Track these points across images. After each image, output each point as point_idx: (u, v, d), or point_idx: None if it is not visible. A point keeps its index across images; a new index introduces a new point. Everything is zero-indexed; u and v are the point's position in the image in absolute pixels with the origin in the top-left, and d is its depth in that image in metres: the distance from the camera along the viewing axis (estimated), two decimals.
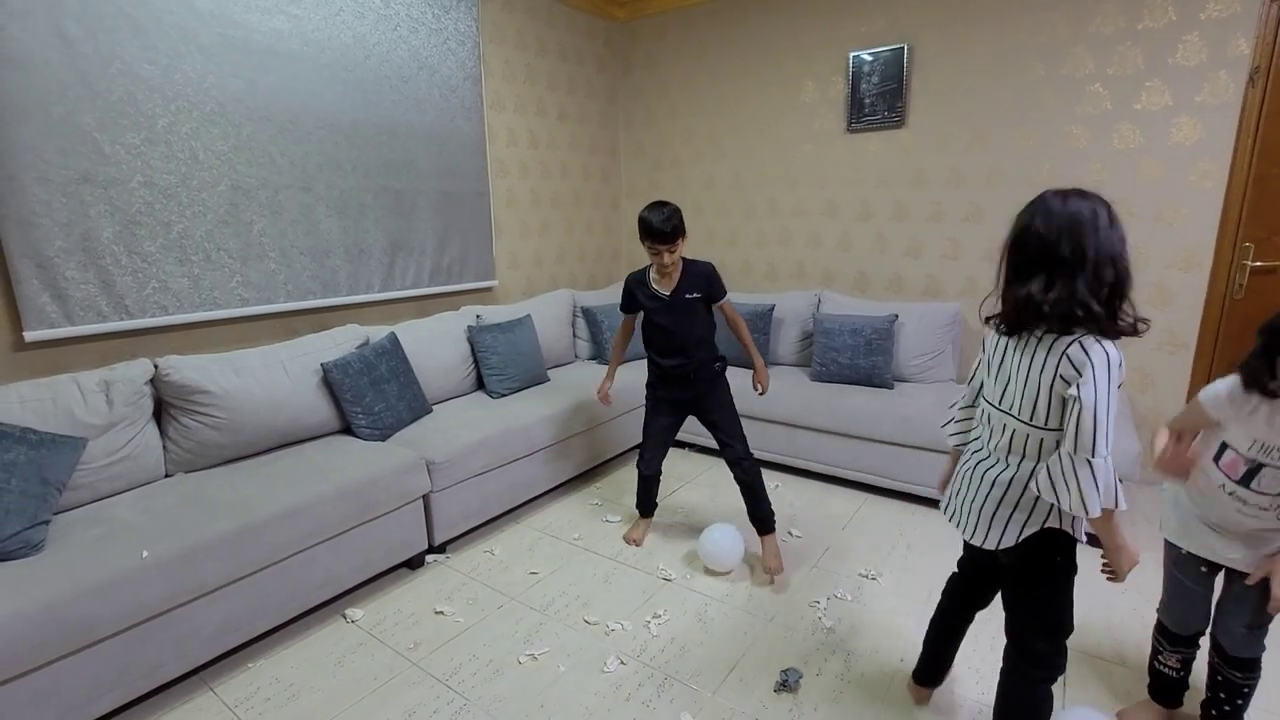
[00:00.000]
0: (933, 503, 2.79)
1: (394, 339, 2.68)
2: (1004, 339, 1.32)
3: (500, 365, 3.02)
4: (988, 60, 3.05)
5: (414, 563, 2.38)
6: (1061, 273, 1.17)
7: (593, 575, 2.30)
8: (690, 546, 2.48)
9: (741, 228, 4.02)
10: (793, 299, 3.57)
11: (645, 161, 4.38)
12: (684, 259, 2.27)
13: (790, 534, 2.57)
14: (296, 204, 2.62)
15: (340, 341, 2.58)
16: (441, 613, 2.10)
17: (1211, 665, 1.46)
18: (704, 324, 2.32)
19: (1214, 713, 1.47)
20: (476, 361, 3.07)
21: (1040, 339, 1.23)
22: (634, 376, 3.38)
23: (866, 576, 2.26)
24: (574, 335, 3.79)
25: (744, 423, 3.21)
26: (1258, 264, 2.64)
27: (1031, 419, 1.25)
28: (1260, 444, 1.32)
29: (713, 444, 3.38)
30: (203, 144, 2.32)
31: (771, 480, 3.10)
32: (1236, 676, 1.42)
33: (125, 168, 2.14)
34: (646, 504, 2.56)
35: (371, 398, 2.47)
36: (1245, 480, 1.34)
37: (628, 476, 3.19)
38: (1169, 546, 1.54)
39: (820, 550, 2.44)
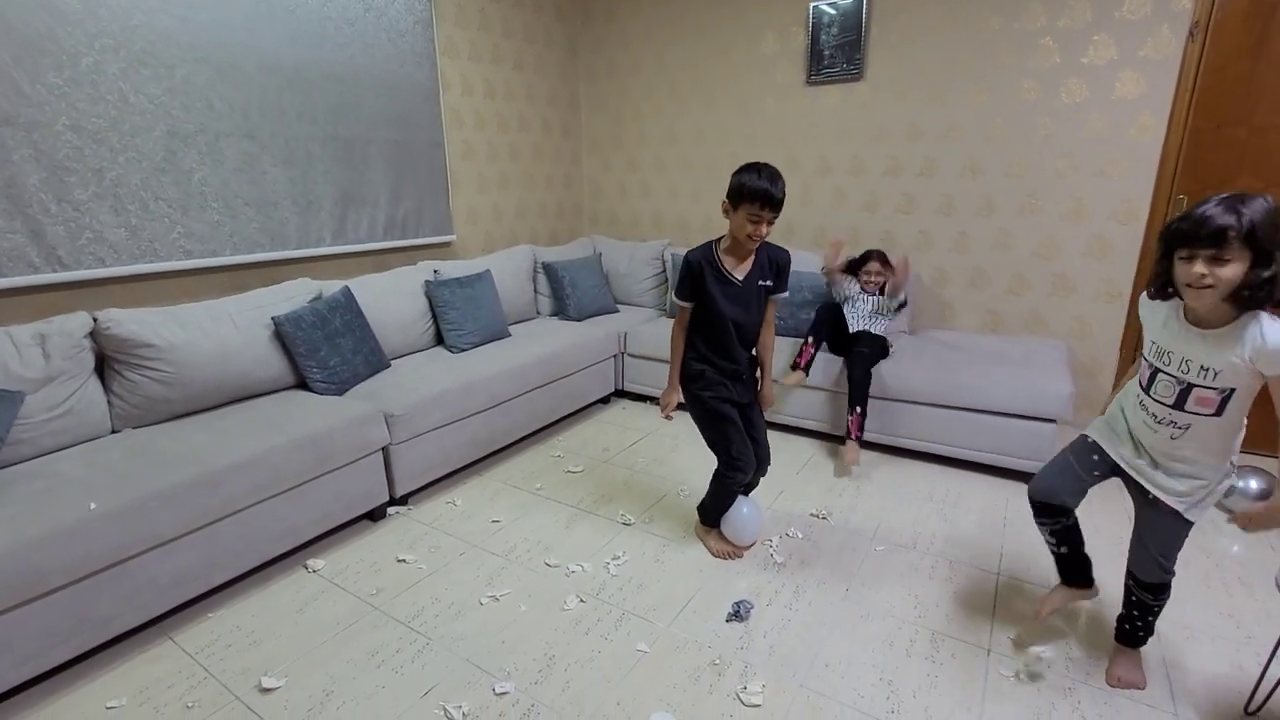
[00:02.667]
0: (885, 448, 2.90)
1: (348, 293, 2.63)
2: None
3: (459, 320, 3.00)
4: (945, 12, 3.06)
5: (375, 514, 2.40)
6: None
7: (554, 522, 2.35)
8: (651, 494, 2.55)
9: (704, 183, 4.01)
10: None
11: (607, 115, 4.30)
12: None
13: None
14: (239, 152, 2.51)
15: (292, 295, 2.52)
16: (404, 560, 2.13)
17: (1127, 587, 1.58)
18: (764, 315, 2.01)
19: (1127, 627, 1.60)
20: (435, 316, 3.04)
21: None
22: (592, 331, 3.39)
23: (817, 516, 2.36)
24: (535, 291, 3.76)
25: None
26: None
27: None
28: (1156, 347, 1.38)
29: None
30: (133, 86, 2.20)
31: None
32: (1149, 598, 1.53)
33: (49, 109, 2.02)
34: (717, 515, 2.15)
35: (326, 351, 2.44)
36: (1148, 387, 1.40)
37: (590, 430, 3.23)
38: (1080, 436, 1.61)
39: (775, 493, 2.53)
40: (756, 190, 1.75)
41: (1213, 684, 1.58)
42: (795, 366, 2.86)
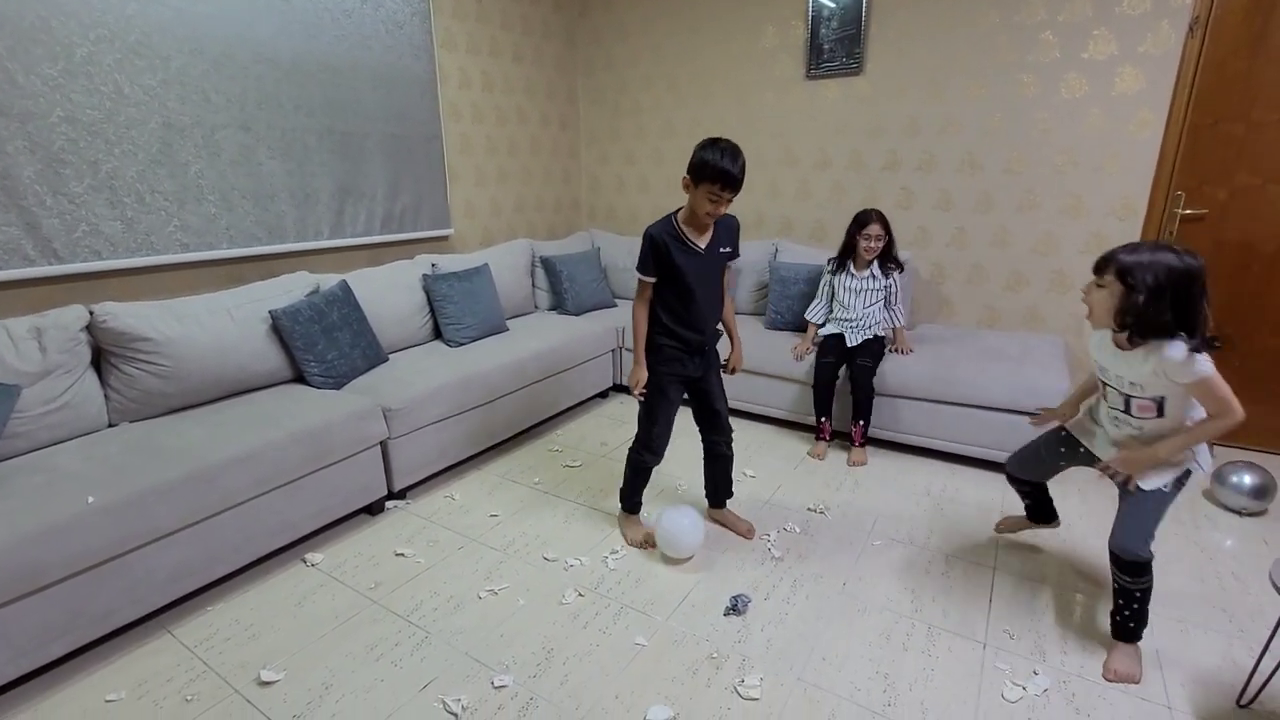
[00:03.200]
0: (883, 444, 2.91)
1: (345, 286, 2.62)
2: None
3: (457, 314, 2.99)
4: (945, 6, 3.05)
5: (374, 509, 2.40)
6: None
7: (552, 517, 2.36)
8: (650, 488, 2.54)
9: None
10: (750, 248, 3.59)
11: (605, 108, 4.28)
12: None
13: (745, 474, 2.66)
14: (235, 144, 2.50)
15: (289, 289, 2.52)
16: (402, 555, 2.13)
17: (1112, 576, 1.60)
18: (723, 283, 2.05)
19: (1118, 619, 1.61)
20: (433, 310, 3.03)
21: None
22: (590, 326, 3.39)
23: (815, 511, 2.36)
24: (533, 285, 3.76)
25: None
26: (1188, 212, 2.77)
27: None
28: (1099, 365, 1.66)
29: None
30: (128, 77, 2.18)
31: None
32: (1128, 581, 1.57)
33: (43, 101, 2.01)
34: (637, 498, 2.24)
35: (324, 345, 2.43)
36: (1105, 395, 1.69)
37: (589, 425, 3.23)
38: (1058, 426, 1.89)
39: (773, 488, 2.54)
40: (717, 170, 1.76)
41: (1206, 677, 1.59)
42: (819, 437, 2.83)
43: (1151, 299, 1.41)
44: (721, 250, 1.96)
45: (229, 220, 2.52)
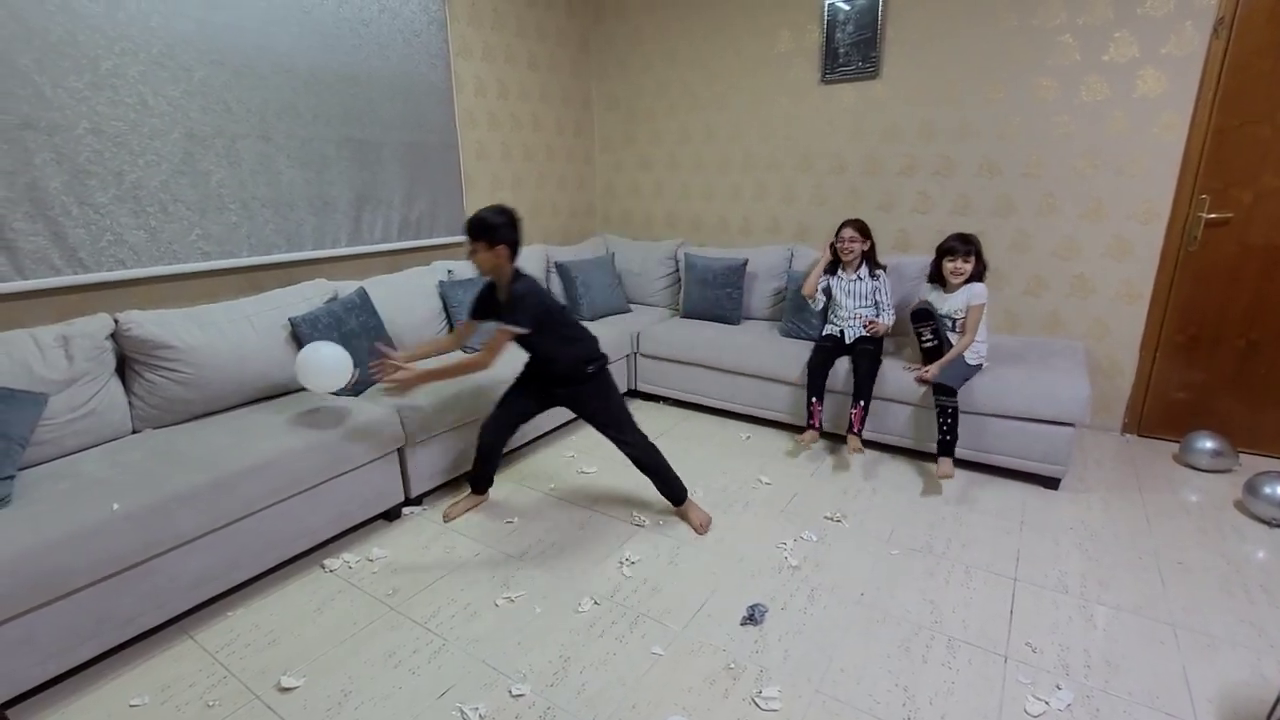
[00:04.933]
0: (899, 450, 2.89)
1: (363, 293, 2.65)
2: None
3: None
4: (962, 9, 3.02)
5: (391, 514, 2.41)
6: None
7: (568, 523, 2.36)
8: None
9: (716, 182, 4.00)
10: (766, 254, 3.58)
11: (620, 114, 4.29)
12: (519, 276, 2.07)
13: (760, 480, 2.64)
14: (255, 154, 2.53)
15: (308, 296, 2.54)
16: (419, 561, 2.14)
17: (936, 403, 2.51)
18: (548, 342, 2.16)
19: (943, 438, 2.50)
20: (449, 316, 3.05)
21: None
22: (605, 331, 3.39)
23: (832, 519, 2.35)
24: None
25: (724, 381, 3.27)
26: (1212, 215, 2.72)
27: None
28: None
29: (683, 394, 3.45)
30: (152, 89, 2.22)
31: (743, 431, 3.17)
32: (946, 400, 2.47)
33: (70, 113, 2.05)
34: (476, 477, 2.42)
35: None
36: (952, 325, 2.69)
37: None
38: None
39: (789, 495, 2.52)
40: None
41: (1234, 693, 1.56)
42: (810, 427, 2.82)
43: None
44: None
45: (249, 228, 2.55)
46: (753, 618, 1.81)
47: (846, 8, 3.28)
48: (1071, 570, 2.03)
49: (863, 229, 2.88)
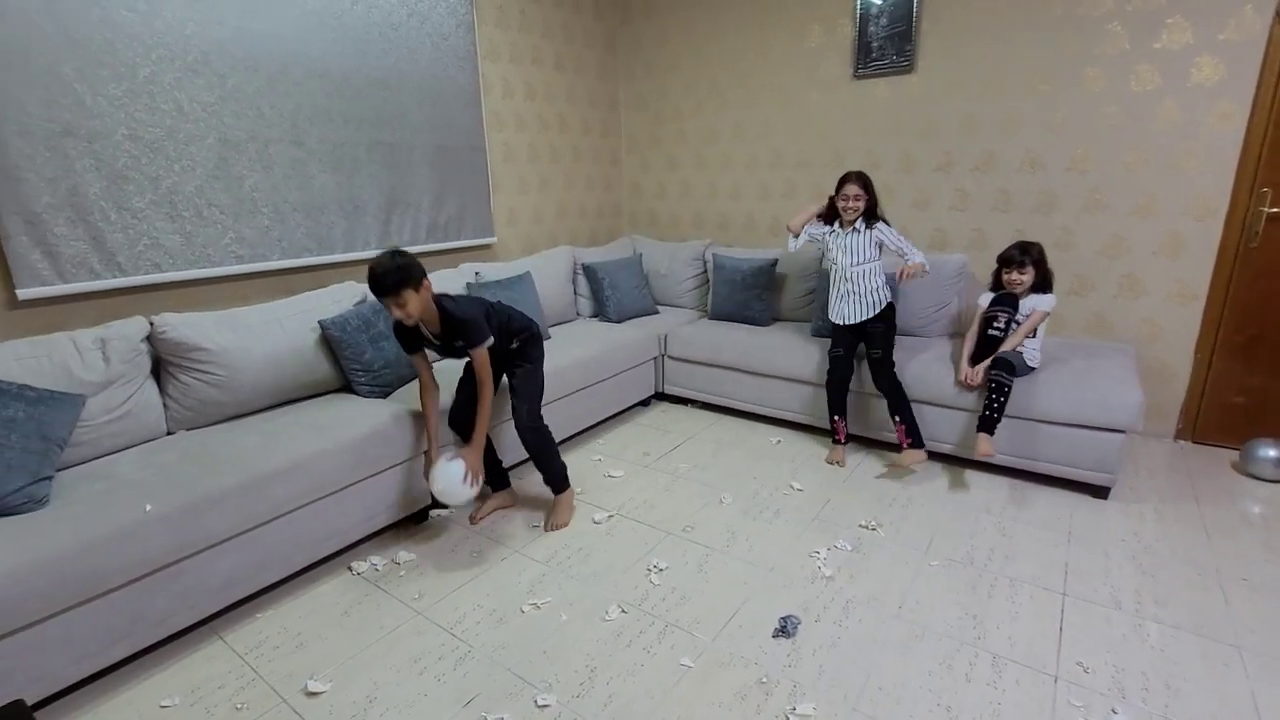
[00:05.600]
0: (934, 455, 2.79)
1: None
2: None
3: None
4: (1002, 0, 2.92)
5: (418, 517, 2.41)
6: None
7: (594, 529, 2.32)
8: (693, 501, 2.50)
9: (744, 181, 3.93)
10: (796, 254, 3.48)
11: (646, 114, 4.26)
12: (443, 304, 2.04)
13: (792, 486, 2.57)
14: (288, 158, 2.56)
15: (338, 299, 2.56)
16: (446, 564, 2.13)
17: (993, 378, 2.41)
18: (501, 333, 2.20)
19: (986, 413, 2.41)
20: None
21: None
22: (632, 333, 3.35)
23: (867, 527, 2.27)
24: (575, 293, 3.75)
25: (753, 384, 3.20)
26: (1275, 210, 2.56)
27: None
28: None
29: (712, 397, 3.39)
30: (187, 95, 2.25)
31: (773, 435, 3.10)
32: (1004, 376, 2.38)
33: (109, 120, 2.09)
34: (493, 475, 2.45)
35: (370, 355, 2.46)
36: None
37: (630, 434, 3.20)
38: None
39: (822, 502, 2.45)
40: (369, 280, 1.91)
41: None
42: (836, 442, 2.80)
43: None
44: (457, 344, 2.09)
45: (281, 232, 2.58)
46: (785, 630, 1.75)
47: (879, 1, 3.19)
48: (1125, 585, 1.92)
49: (866, 184, 2.64)
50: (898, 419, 2.60)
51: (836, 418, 2.79)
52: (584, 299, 3.77)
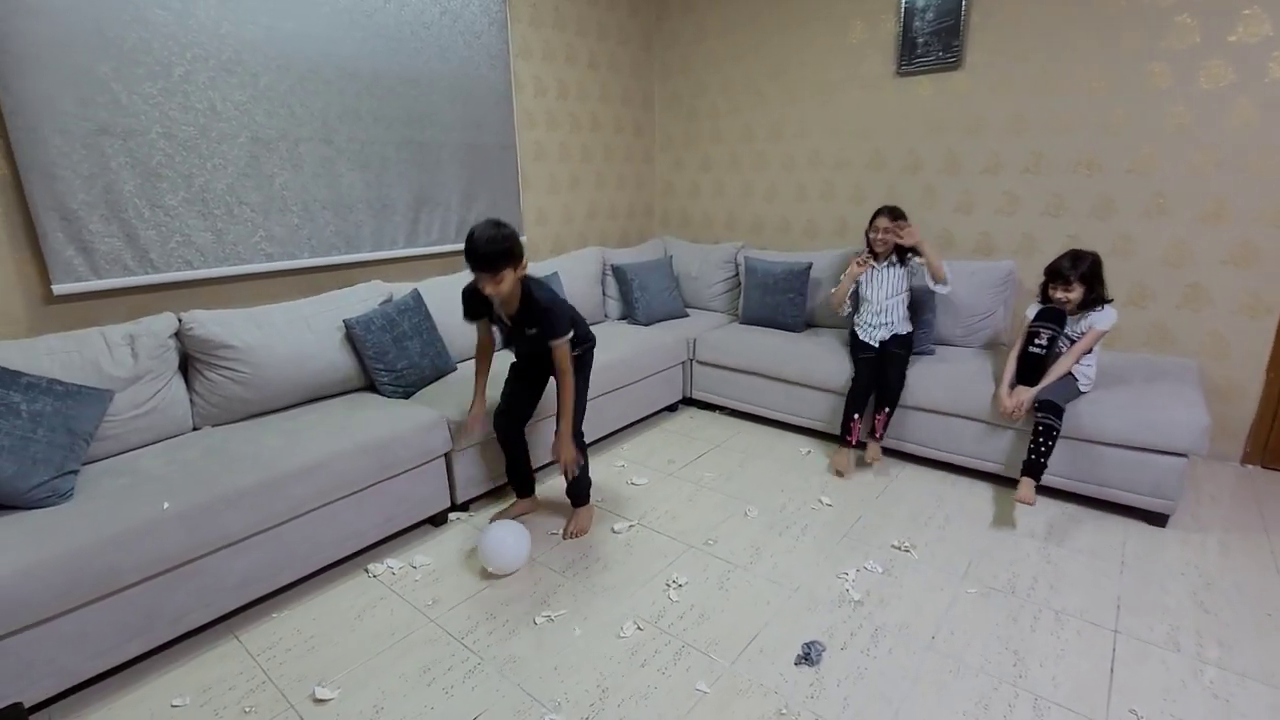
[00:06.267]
0: (975, 473, 2.64)
1: (417, 296, 2.64)
2: None
3: None
4: None
5: (437, 520, 2.38)
6: None
7: (613, 538, 2.26)
8: (717, 513, 2.41)
9: (780, 181, 3.82)
10: (832, 257, 3.38)
11: (680, 113, 4.18)
12: (529, 286, 1.99)
13: (820, 501, 2.47)
14: (317, 156, 2.56)
15: (364, 298, 2.55)
16: (461, 571, 2.10)
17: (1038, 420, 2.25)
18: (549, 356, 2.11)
19: (1031, 457, 2.25)
20: None
21: None
22: (660, 336, 3.28)
23: (900, 548, 2.15)
24: (603, 294, 3.70)
25: (784, 392, 3.10)
26: None
27: None
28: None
29: (741, 404, 3.30)
30: (220, 94, 2.27)
31: (803, 445, 2.99)
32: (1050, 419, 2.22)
33: (143, 118, 2.11)
34: (515, 479, 2.39)
35: (394, 355, 2.44)
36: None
37: (655, 439, 3.13)
38: None
39: (852, 519, 2.34)
40: (466, 247, 1.83)
41: None
42: (846, 444, 2.71)
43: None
44: (529, 331, 2.03)
45: (310, 230, 2.59)
46: (808, 657, 1.66)
47: None
48: (1184, 625, 1.77)
49: (897, 216, 2.75)
50: (887, 410, 2.63)
51: (856, 416, 2.68)
52: (612, 300, 3.72)
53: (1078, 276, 2.29)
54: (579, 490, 2.30)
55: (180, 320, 2.13)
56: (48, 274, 2.01)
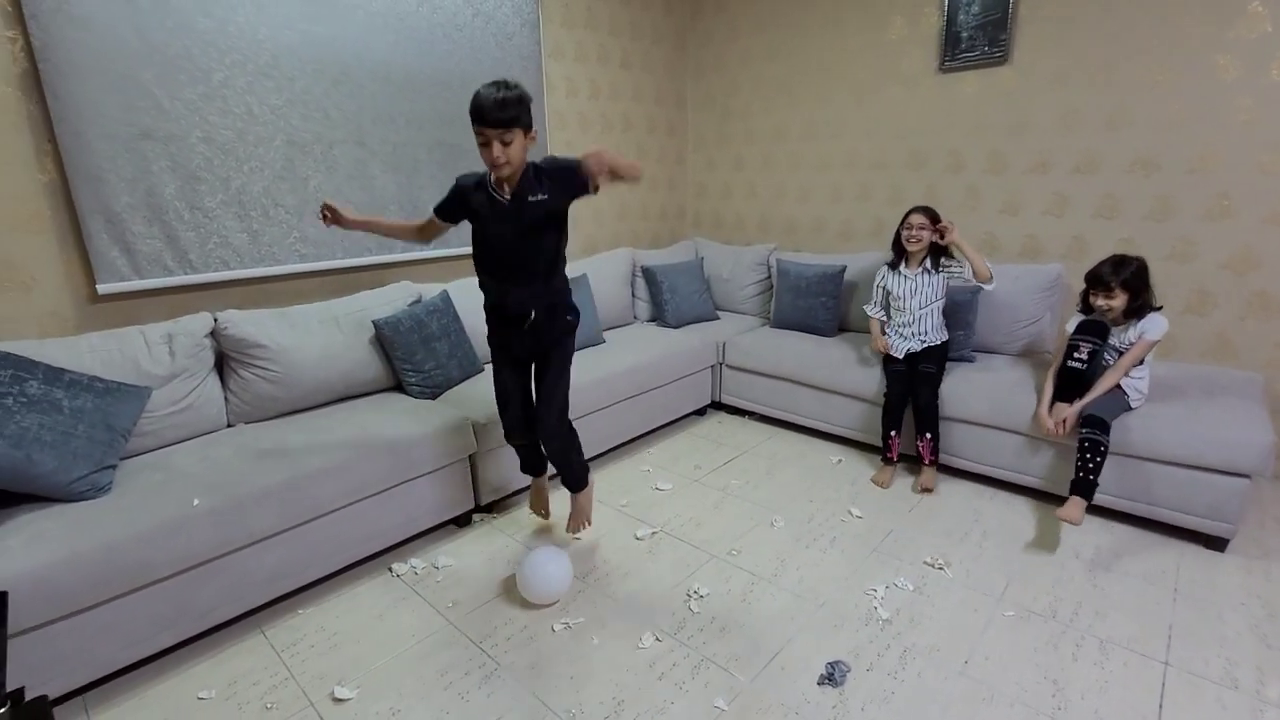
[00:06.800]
0: (1014, 487, 2.53)
1: (446, 297, 2.65)
2: None
3: None
4: None
5: (461, 521, 2.39)
6: None
7: (636, 545, 2.23)
8: (743, 522, 2.36)
9: (814, 182, 3.73)
10: (868, 260, 3.27)
11: (714, 112, 4.12)
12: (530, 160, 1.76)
13: (850, 513, 2.39)
14: (350, 159, 2.60)
15: (393, 299, 2.58)
16: (483, 573, 2.09)
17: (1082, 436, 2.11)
18: (555, 246, 1.85)
19: (1080, 475, 2.11)
20: None
21: None
22: (689, 339, 3.23)
23: (932, 565, 2.06)
24: (633, 295, 3.67)
25: (815, 398, 3.02)
26: None
27: None
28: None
29: (770, 410, 3.23)
30: (257, 98, 2.32)
31: (834, 454, 2.91)
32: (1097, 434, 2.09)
33: (184, 123, 2.17)
34: (532, 466, 2.19)
35: (422, 355, 2.46)
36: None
37: (682, 444, 3.08)
38: None
39: (883, 533, 2.26)
40: (473, 106, 1.62)
41: None
42: (886, 458, 2.64)
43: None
44: (532, 199, 1.74)
45: (343, 232, 2.62)
46: (832, 677, 1.60)
47: None
48: (1243, 659, 1.65)
49: (933, 216, 2.61)
50: (928, 436, 2.51)
51: (893, 434, 2.60)
52: (642, 302, 3.68)
53: (1119, 283, 2.14)
54: (575, 471, 2.09)
55: (215, 320, 2.19)
56: (93, 274, 2.08)
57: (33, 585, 1.44)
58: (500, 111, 1.60)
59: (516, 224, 1.78)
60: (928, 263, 2.65)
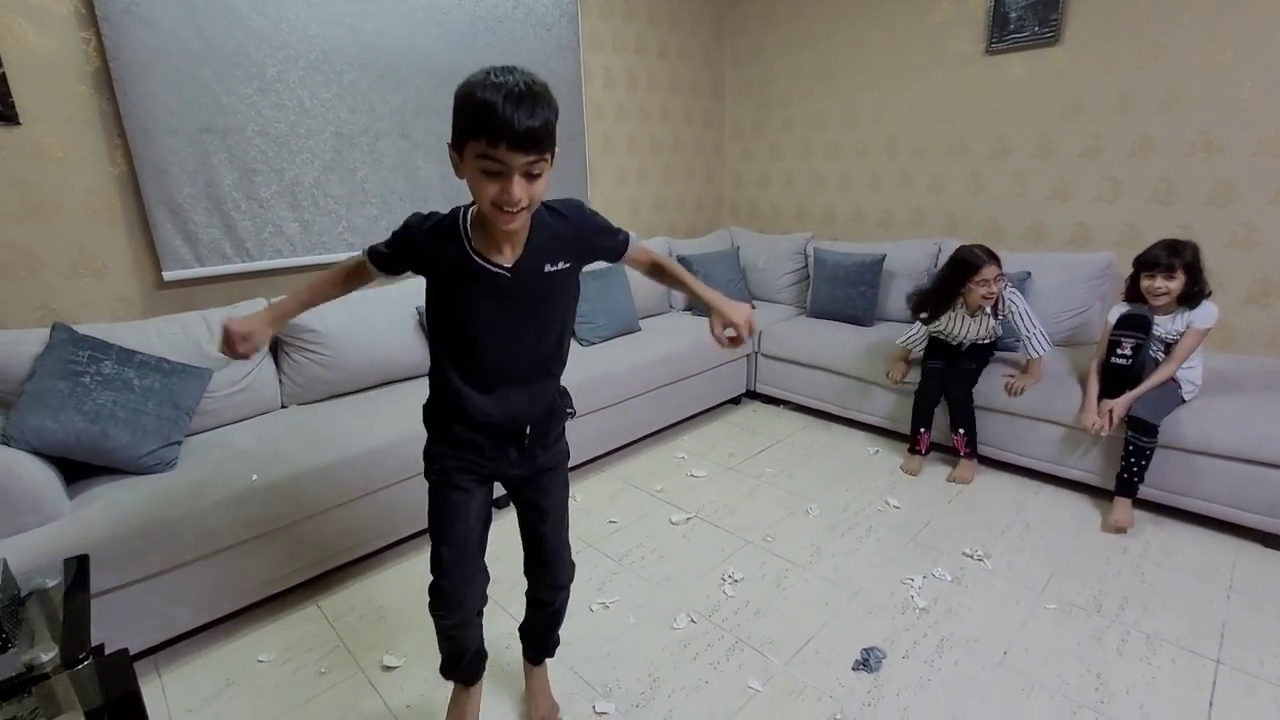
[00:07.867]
0: (1059, 480, 2.47)
1: None
2: None
3: (590, 313, 2.99)
4: None
5: (499, 503, 2.44)
6: None
7: (671, 530, 2.26)
8: (778, 509, 2.37)
9: (854, 170, 3.67)
10: (908, 249, 3.23)
11: (751, 101, 4.09)
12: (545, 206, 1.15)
13: (887, 502, 2.37)
14: (395, 150, 2.68)
15: None
16: (518, 551, 2.15)
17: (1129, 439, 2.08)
18: (568, 319, 1.25)
19: (1124, 476, 2.10)
20: None
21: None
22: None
23: (971, 556, 2.04)
24: None
25: (852, 388, 2.99)
26: None
27: None
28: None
29: (806, 399, 3.21)
30: (309, 92, 2.41)
31: (871, 444, 2.88)
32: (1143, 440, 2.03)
33: (241, 117, 2.27)
34: (466, 665, 1.42)
35: None
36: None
37: (718, 432, 3.10)
38: None
39: (921, 523, 2.24)
40: (485, 113, 0.94)
41: None
42: (914, 449, 2.62)
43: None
44: (551, 269, 1.13)
45: (389, 221, 2.71)
46: (867, 663, 1.60)
47: None
48: None
49: (999, 261, 2.35)
50: (961, 431, 2.47)
51: (922, 430, 2.59)
52: (677, 292, 3.69)
53: (1182, 264, 2.04)
54: (556, 639, 1.55)
55: (270, 304, 2.28)
56: (159, 262, 2.20)
57: (112, 549, 1.55)
58: (532, 120, 0.95)
59: (524, 305, 1.14)
60: (987, 307, 2.40)
